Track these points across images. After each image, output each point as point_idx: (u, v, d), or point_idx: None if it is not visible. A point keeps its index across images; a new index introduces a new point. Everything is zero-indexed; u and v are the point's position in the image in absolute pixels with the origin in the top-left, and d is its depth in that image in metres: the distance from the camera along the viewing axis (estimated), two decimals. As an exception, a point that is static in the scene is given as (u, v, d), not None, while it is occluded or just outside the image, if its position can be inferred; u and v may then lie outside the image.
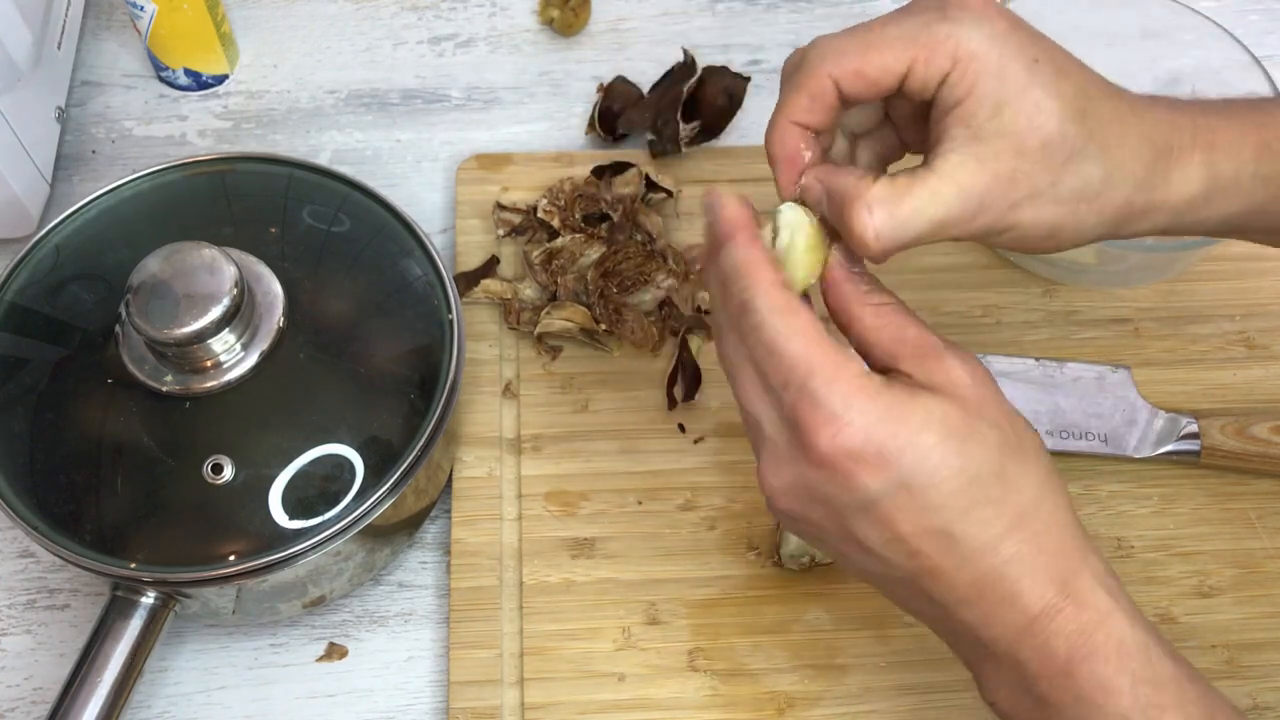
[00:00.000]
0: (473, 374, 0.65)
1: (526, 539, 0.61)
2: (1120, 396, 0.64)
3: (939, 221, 0.43)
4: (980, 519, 0.41)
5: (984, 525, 0.41)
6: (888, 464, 0.40)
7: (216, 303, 0.52)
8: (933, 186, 0.43)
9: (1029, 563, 0.41)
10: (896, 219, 0.43)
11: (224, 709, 0.58)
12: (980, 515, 0.41)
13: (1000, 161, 0.43)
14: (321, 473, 0.53)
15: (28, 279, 0.58)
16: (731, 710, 0.57)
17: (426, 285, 0.59)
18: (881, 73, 0.43)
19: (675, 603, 0.59)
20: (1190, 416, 0.63)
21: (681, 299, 0.67)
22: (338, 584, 0.57)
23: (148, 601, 0.52)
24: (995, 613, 0.42)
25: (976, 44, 0.42)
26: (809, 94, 0.44)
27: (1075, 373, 0.65)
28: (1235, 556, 0.61)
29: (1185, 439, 0.63)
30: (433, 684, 0.59)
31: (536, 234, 0.69)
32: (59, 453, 0.54)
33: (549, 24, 0.81)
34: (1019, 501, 0.41)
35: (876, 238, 0.43)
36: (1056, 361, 0.65)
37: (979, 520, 0.41)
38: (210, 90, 0.79)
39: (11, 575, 0.62)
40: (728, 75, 0.75)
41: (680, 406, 0.65)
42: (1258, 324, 0.68)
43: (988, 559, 0.42)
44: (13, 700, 0.58)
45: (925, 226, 0.43)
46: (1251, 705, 0.57)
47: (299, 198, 0.61)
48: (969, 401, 0.42)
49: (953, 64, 0.43)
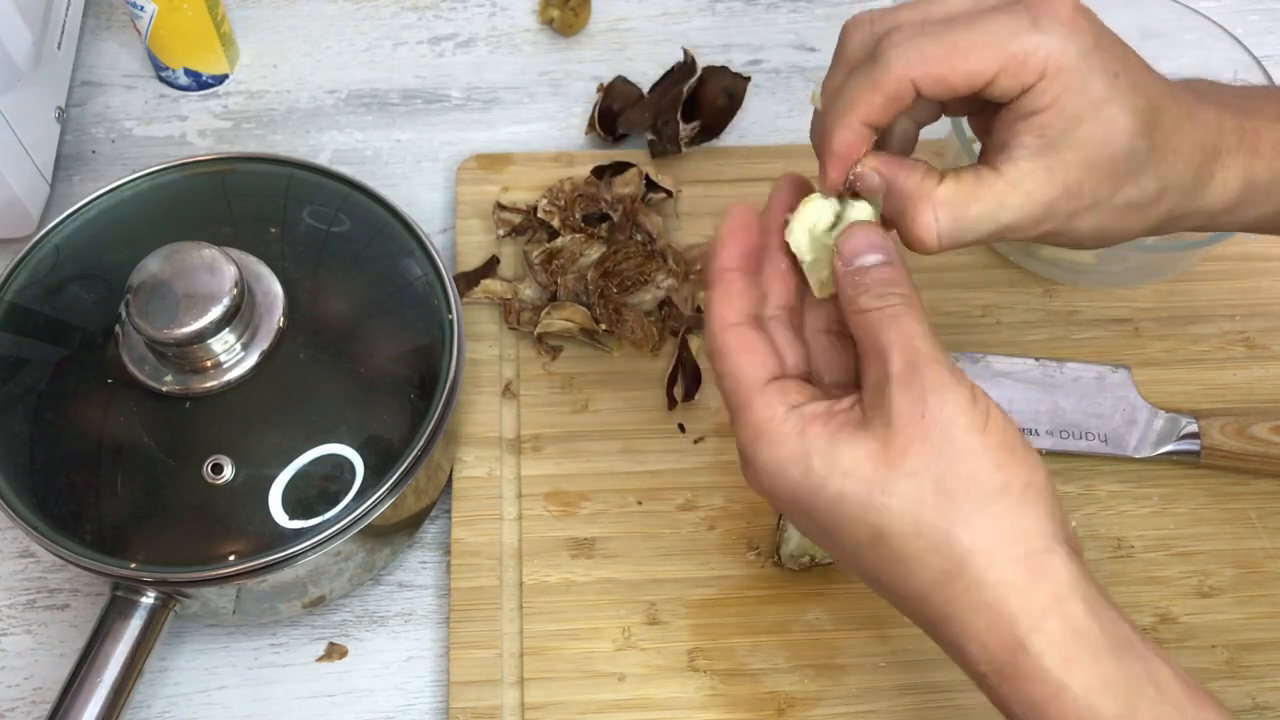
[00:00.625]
0: (473, 374, 0.65)
1: (526, 539, 0.61)
2: (1120, 396, 0.64)
3: (1003, 226, 0.43)
4: (902, 571, 0.40)
5: (907, 577, 0.40)
6: (800, 507, 0.41)
7: (216, 303, 0.52)
8: (1000, 192, 0.42)
9: (965, 620, 0.40)
10: (961, 224, 0.42)
11: (224, 709, 0.58)
12: (899, 568, 0.40)
13: (1069, 174, 0.42)
14: (321, 473, 0.53)
15: (28, 279, 0.58)
16: (731, 710, 0.57)
17: (426, 285, 0.59)
18: (967, 79, 0.41)
19: (675, 603, 0.59)
20: (1190, 416, 0.63)
21: (681, 299, 0.67)
22: (338, 584, 0.58)
23: (148, 601, 0.52)
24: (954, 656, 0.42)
25: (1068, 59, 0.41)
26: (886, 95, 0.42)
27: (1075, 373, 0.65)
28: (1235, 556, 0.61)
29: (1185, 439, 0.63)
30: (433, 684, 0.59)
31: (536, 234, 0.69)
32: (59, 453, 0.54)
33: (549, 24, 0.81)
34: (940, 561, 0.39)
35: (938, 240, 0.43)
36: (1056, 361, 0.65)
37: (900, 572, 0.40)
38: (210, 90, 0.79)
39: (11, 575, 0.62)
40: (728, 75, 0.75)
41: (680, 406, 0.65)
42: (1258, 324, 0.68)
43: (925, 610, 0.41)
44: (13, 700, 0.58)
45: (988, 230, 0.43)
46: (1252, 705, 0.57)
47: (299, 198, 0.61)
48: (891, 446, 0.39)
49: (1040, 77, 0.41)
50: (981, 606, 0.39)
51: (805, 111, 0.78)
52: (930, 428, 0.39)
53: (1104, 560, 0.61)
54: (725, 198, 0.72)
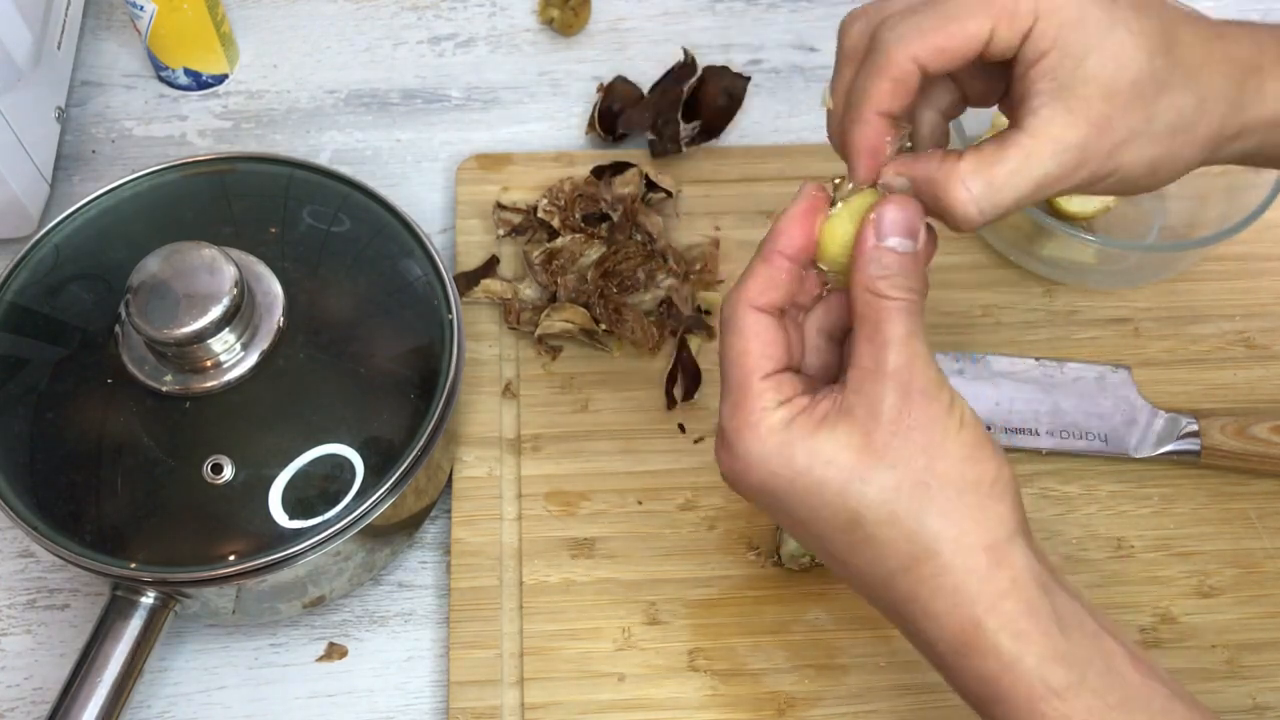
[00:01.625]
0: (473, 374, 0.65)
1: (526, 539, 0.61)
2: (1121, 396, 0.64)
3: (1038, 180, 0.42)
4: (870, 556, 0.42)
5: (875, 562, 0.42)
6: (774, 495, 0.43)
7: (216, 303, 0.52)
8: (1026, 147, 0.42)
9: (926, 602, 0.42)
10: (995, 187, 0.42)
11: (224, 709, 0.58)
12: (869, 552, 0.42)
13: (1092, 108, 0.42)
14: (321, 473, 0.53)
15: (28, 279, 0.58)
16: (731, 710, 0.57)
17: (426, 285, 0.59)
18: (966, 42, 0.42)
19: (675, 603, 0.59)
20: (1191, 416, 0.63)
21: (681, 299, 0.67)
22: (338, 584, 0.58)
23: (148, 601, 0.52)
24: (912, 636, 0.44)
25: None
26: (892, 80, 0.42)
27: (1075, 373, 0.65)
28: (1235, 556, 0.61)
29: (1186, 438, 0.63)
30: (433, 684, 0.59)
31: (536, 234, 0.69)
32: (59, 453, 0.54)
33: (549, 24, 0.81)
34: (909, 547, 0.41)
35: (979, 211, 0.42)
36: (1056, 361, 0.65)
37: (869, 557, 0.42)
38: (210, 90, 0.79)
39: (11, 575, 0.62)
40: (728, 75, 0.75)
41: (680, 406, 0.65)
42: (1258, 324, 0.68)
43: (888, 593, 0.43)
44: (13, 700, 0.58)
45: (1027, 187, 0.42)
46: (1252, 705, 0.57)
47: (299, 198, 0.61)
48: (874, 439, 0.41)
49: (1034, 19, 0.41)
50: (945, 590, 0.41)
51: (805, 112, 0.78)
52: (913, 427, 0.41)
53: (1104, 560, 0.61)
54: (725, 197, 0.72)
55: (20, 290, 0.58)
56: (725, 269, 0.69)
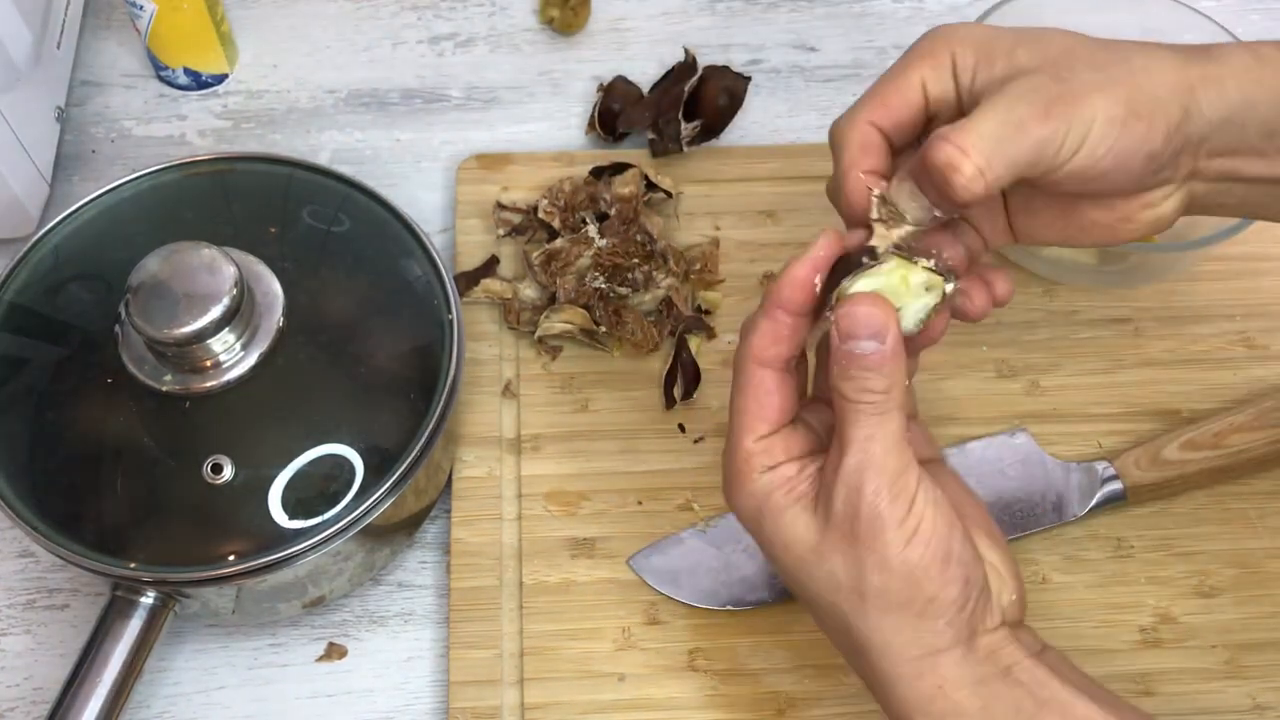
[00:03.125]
0: (473, 374, 0.65)
1: (526, 539, 0.61)
2: (1033, 462, 0.62)
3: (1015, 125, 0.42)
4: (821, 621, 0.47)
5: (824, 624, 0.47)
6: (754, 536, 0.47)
7: (216, 303, 0.52)
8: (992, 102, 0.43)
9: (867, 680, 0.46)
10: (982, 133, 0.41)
11: (224, 709, 0.58)
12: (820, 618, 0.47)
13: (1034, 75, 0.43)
14: (321, 473, 0.53)
15: (28, 279, 0.58)
16: (731, 710, 0.57)
17: (426, 285, 0.59)
18: (902, 95, 0.46)
19: (675, 603, 0.59)
20: (1104, 461, 0.61)
21: (681, 299, 0.67)
22: (337, 584, 0.58)
23: (148, 601, 0.52)
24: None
25: (964, 31, 0.45)
26: (858, 145, 0.46)
27: (978, 452, 0.62)
28: (1235, 556, 0.61)
29: (1108, 483, 0.61)
30: (433, 684, 0.59)
31: (536, 234, 0.69)
32: (59, 453, 0.54)
33: (549, 23, 0.81)
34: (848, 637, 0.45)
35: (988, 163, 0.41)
36: (956, 447, 0.62)
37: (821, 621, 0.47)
38: (210, 90, 0.79)
39: (11, 575, 0.62)
40: (728, 75, 0.75)
41: (680, 406, 0.65)
42: (1258, 324, 0.68)
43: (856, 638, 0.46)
44: (13, 700, 0.58)
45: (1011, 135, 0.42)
46: (1252, 705, 0.57)
47: (299, 198, 0.61)
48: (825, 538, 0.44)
49: (950, 54, 0.45)
50: (878, 682, 0.45)
51: (805, 111, 0.78)
52: (859, 535, 0.43)
53: (1104, 560, 0.61)
54: (725, 197, 0.72)
55: (20, 290, 0.58)
56: (725, 269, 0.69)
